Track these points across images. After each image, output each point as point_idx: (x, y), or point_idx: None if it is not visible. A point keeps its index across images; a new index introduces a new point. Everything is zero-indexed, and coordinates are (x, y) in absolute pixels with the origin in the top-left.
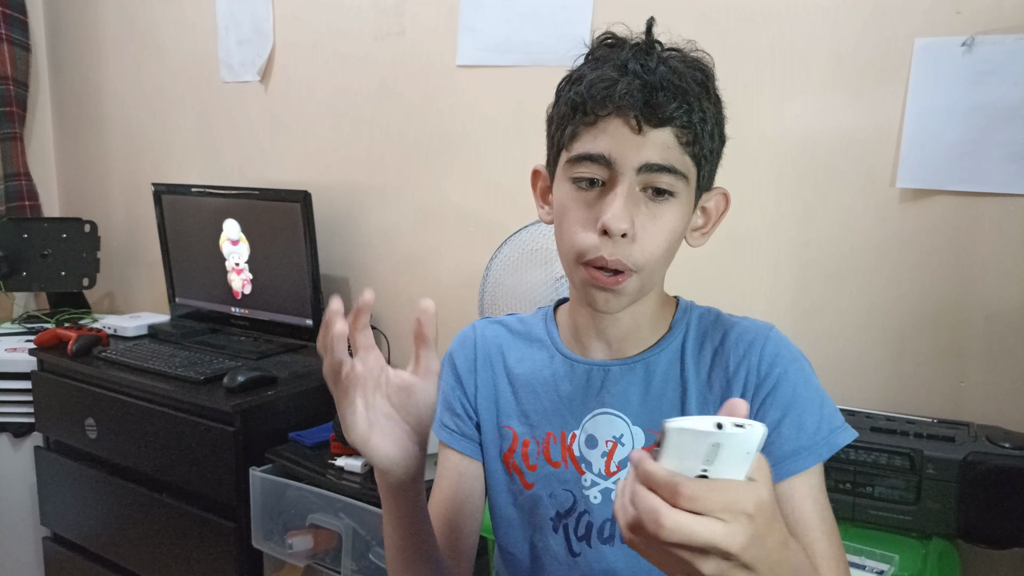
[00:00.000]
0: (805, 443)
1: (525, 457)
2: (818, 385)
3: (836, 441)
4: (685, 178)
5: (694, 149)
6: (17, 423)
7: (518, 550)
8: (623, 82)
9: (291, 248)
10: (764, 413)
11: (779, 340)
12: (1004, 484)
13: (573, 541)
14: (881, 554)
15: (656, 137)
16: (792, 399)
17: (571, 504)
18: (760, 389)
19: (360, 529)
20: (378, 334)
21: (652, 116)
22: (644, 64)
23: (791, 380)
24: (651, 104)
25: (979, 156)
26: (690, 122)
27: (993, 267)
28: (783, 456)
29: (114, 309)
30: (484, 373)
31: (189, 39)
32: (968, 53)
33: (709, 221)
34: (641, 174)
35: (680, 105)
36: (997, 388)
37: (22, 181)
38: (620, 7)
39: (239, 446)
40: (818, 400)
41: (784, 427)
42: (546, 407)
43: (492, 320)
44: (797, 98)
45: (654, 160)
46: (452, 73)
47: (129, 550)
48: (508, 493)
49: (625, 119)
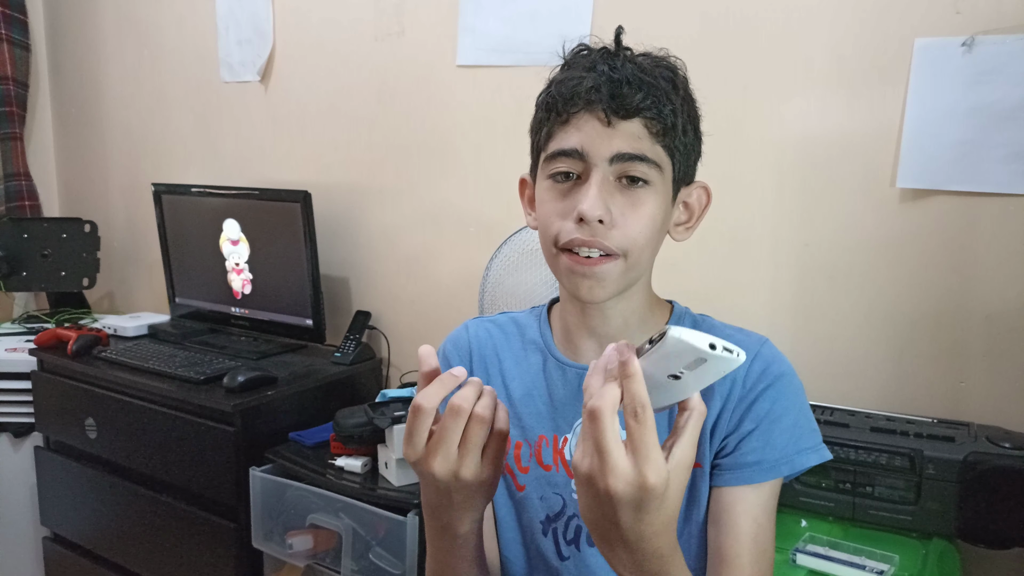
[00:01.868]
0: (767, 457)
1: (518, 459)
2: (801, 403)
3: (800, 461)
4: (659, 167)
5: (665, 140)
6: (17, 423)
7: (513, 554)
8: (590, 78)
9: (291, 248)
10: (741, 424)
11: (771, 355)
12: (1004, 484)
13: (562, 545)
14: (881, 554)
15: (626, 128)
16: (768, 413)
17: (560, 507)
18: (743, 401)
19: (360, 529)
20: (378, 334)
21: (620, 108)
22: (611, 64)
23: (772, 395)
24: (617, 97)
25: (979, 156)
26: (659, 113)
27: (993, 267)
28: (742, 464)
29: (114, 309)
30: (479, 375)
31: (189, 39)
32: (968, 53)
33: (692, 216)
34: (614, 164)
35: (647, 97)
36: (997, 388)
37: (22, 181)
38: (620, 7)
39: (239, 446)
40: (794, 417)
41: (752, 438)
42: (540, 410)
43: (484, 320)
44: (797, 98)
45: (625, 150)
46: (452, 73)
47: (129, 550)
48: (504, 495)
49: (594, 113)
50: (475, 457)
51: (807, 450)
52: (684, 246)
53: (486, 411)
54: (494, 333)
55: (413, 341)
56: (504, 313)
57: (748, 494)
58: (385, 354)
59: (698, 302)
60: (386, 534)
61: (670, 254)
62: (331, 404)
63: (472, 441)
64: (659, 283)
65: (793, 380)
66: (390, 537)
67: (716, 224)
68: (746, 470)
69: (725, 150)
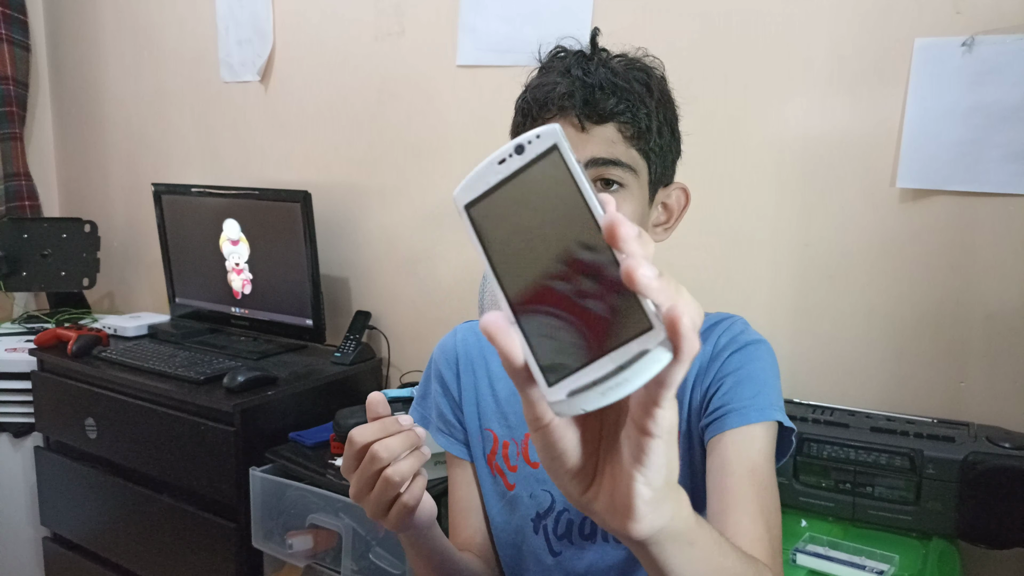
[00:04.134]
0: (735, 406)
1: (506, 459)
2: (771, 370)
3: (770, 414)
4: (634, 171)
5: (640, 144)
6: (17, 423)
7: (504, 553)
8: (563, 84)
9: (291, 248)
10: (711, 383)
11: (743, 326)
12: (1004, 484)
13: (553, 541)
14: (881, 554)
15: (600, 133)
16: (736, 369)
17: (550, 503)
18: (712, 364)
19: (360, 529)
20: (377, 334)
21: (592, 113)
22: (585, 68)
23: (740, 357)
24: (591, 102)
25: (979, 156)
26: (633, 118)
27: (993, 267)
28: (721, 414)
29: (114, 309)
30: (466, 378)
31: (189, 39)
32: (968, 53)
33: (671, 216)
34: (589, 169)
35: (620, 102)
36: (997, 388)
37: (22, 181)
38: (621, 6)
39: (239, 446)
40: (762, 379)
41: (723, 390)
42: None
43: (475, 323)
44: (797, 98)
45: (599, 154)
46: (452, 73)
47: (129, 550)
48: (494, 495)
49: (568, 118)
50: (377, 505)
51: (774, 407)
52: (684, 246)
53: (396, 475)
54: (482, 336)
55: (413, 341)
56: None
57: (735, 437)
58: (385, 354)
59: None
60: (386, 534)
61: (669, 254)
62: (331, 404)
63: (379, 490)
64: None
65: (764, 347)
66: (390, 537)
67: (716, 224)
68: (724, 418)
69: (725, 150)
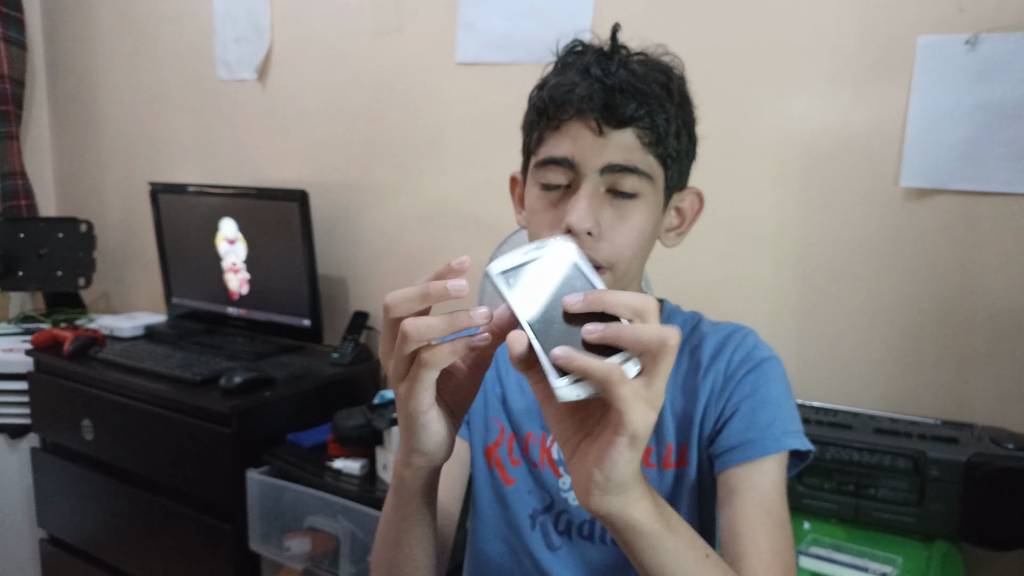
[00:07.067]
0: (752, 437)
1: (509, 452)
2: (785, 389)
3: (785, 442)
4: (650, 178)
5: (658, 150)
6: (13, 424)
7: (493, 550)
8: (583, 85)
9: (289, 248)
10: (726, 407)
11: (755, 342)
12: (1008, 485)
13: (552, 535)
14: (884, 556)
15: (618, 138)
16: (750, 393)
17: (549, 503)
18: (727, 385)
19: (358, 532)
20: (376, 335)
21: (612, 118)
22: (605, 68)
23: (754, 378)
24: (610, 106)
25: (983, 155)
26: (652, 123)
27: (998, 267)
28: (733, 445)
29: (110, 309)
30: None
31: (186, 37)
32: (972, 51)
33: (684, 221)
34: (604, 175)
35: (640, 106)
36: (1001, 389)
37: (18, 180)
38: (621, 4)
39: (236, 448)
40: (778, 401)
41: (735, 420)
42: (530, 407)
43: None
44: (800, 96)
45: (616, 161)
46: (451, 70)
47: (126, 552)
48: (489, 488)
49: (586, 121)
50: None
51: (791, 433)
52: (687, 246)
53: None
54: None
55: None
56: None
57: (749, 471)
58: None
59: (700, 302)
60: None
61: (672, 253)
62: (329, 405)
63: (418, 368)
64: (661, 282)
65: (776, 365)
66: None
67: (719, 223)
68: (738, 450)
69: (728, 149)
